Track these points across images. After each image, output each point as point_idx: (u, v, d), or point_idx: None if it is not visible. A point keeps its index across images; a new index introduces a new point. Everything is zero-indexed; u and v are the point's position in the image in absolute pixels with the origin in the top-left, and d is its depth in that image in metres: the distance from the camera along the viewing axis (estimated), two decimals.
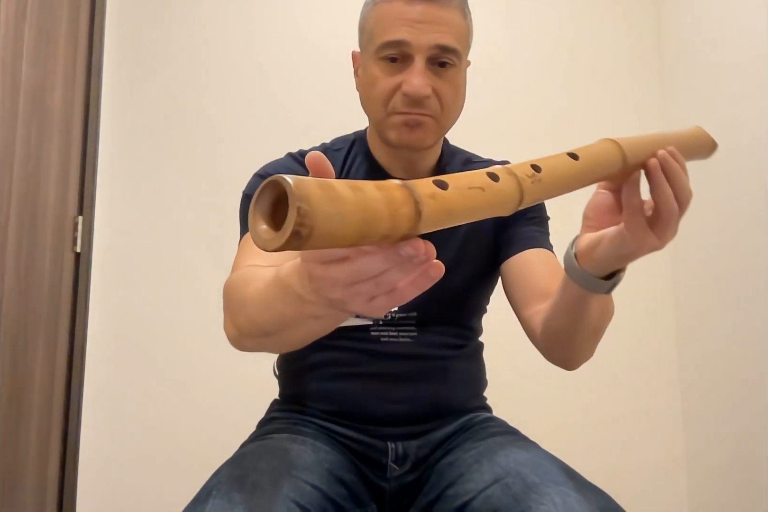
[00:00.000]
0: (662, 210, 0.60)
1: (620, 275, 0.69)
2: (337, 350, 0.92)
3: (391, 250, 0.41)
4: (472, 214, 0.44)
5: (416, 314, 0.93)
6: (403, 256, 0.41)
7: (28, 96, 1.65)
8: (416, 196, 0.39)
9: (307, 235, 0.34)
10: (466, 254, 0.95)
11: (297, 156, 0.97)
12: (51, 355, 1.74)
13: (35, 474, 1.67)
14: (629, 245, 0.63)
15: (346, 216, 0.36)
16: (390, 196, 0.38)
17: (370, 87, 0.89)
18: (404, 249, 0.41)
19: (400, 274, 0.43)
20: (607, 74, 2.13)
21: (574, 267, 0.69)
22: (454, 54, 0.86)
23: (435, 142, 0.92)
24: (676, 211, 0.60)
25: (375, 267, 0.42)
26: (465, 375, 0.97)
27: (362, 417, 0.91)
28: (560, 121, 2.08)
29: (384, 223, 0.38)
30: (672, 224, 0.61)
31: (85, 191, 1.89)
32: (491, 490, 0.72)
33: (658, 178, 0.60)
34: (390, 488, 0.89)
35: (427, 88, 0.84)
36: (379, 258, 0.42)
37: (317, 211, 0.34)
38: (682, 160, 0.62)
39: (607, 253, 0.65)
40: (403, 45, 0.84)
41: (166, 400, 1.83)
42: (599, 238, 0.66)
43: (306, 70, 2.03)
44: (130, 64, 2.01)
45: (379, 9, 0.87)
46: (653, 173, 0.60)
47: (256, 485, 0.69)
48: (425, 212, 0.39)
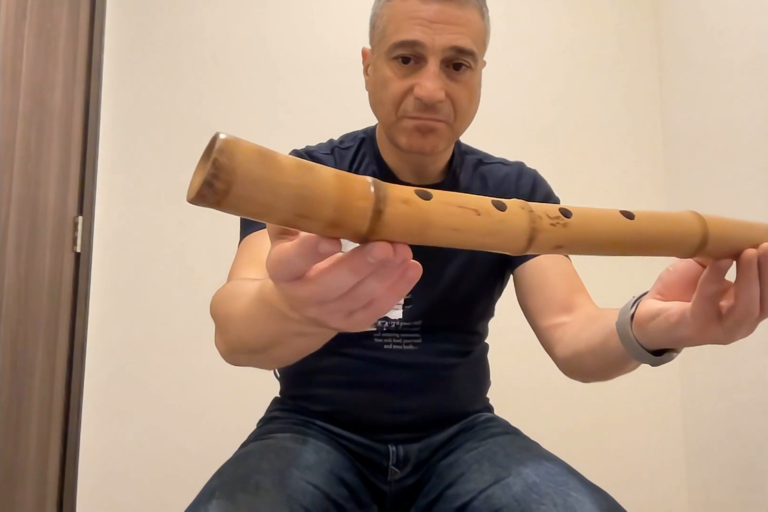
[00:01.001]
0: (741, 309, 0.52)
1: (672, 355, 0.61)
2: (339, 356, 0.91)
3: (357, 260, 0.38)
4: (460, 237, 0.40)
5: (421, 322, 0.90)
6: (373, 262, 0.37)
7: (28, 96, 1.65)
8: (381, 195, 0.37)
9: (224, 190, 0.33)
10: (475, 262, 0.92)
11: (303, 154, 0.93)
12: (51, 355, 1.74)
13: (35, 474, 1.67)
14: (687, 330, 0.55)
15: (278, 186, 0.34)
16: (346, 186, 0.36)
17: (380, 88, 0.84)
18: (371, 254, 0.37)
19: (376, 283, 0.39)
20: (607, 74, 2.13)
21: (626, 331, 0.62)
22: (471, 56, 0.81)
23: (447, 148, 0.89)
24: (756, 314, 0.53)
25: (343, 281, 0.38)
26: (469, 381, 0.96)
27: (363, 425, 0.90)
28: (560, 121, 2.08)
29: (327, 208, 0.36)
30: (746, 325, 0.53)
31: (85, 191, 1.89)
32: (491, 490, 0.72)
33: (749, 274, 0.52)
34: (391, 491, 0.88)
35: (440, 92, 0.80)
36: (344, 271, 0.38)
37: (239, 169, 0.34)
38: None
39: (661, 330, 0.58)
40: (416, 46, 0.79)
41: (166, 400, 1.83)
42: (660, 311, 0.58)
43: (309, 68, 2.02)
44: (130, 63, 2.01)
45: (392, 6, 0.83)
46: (745, 266, 0.51)
47: (259, 486, 0.69)
48: (388, 214, 0.37)
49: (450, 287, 0.91)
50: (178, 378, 1.85)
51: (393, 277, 0.39)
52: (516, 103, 2.07)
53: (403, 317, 0.89)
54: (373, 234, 0.37)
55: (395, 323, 0.90)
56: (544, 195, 0.95)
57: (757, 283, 0.52)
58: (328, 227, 0.36)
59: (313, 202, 0.35)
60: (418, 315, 0.90)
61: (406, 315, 0.90)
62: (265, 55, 2.04)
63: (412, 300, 0.90)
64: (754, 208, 1.63)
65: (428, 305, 0.90)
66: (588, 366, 0.76)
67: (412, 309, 0.90)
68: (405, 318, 0.89)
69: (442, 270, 0.91)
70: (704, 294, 0.53)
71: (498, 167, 0.97)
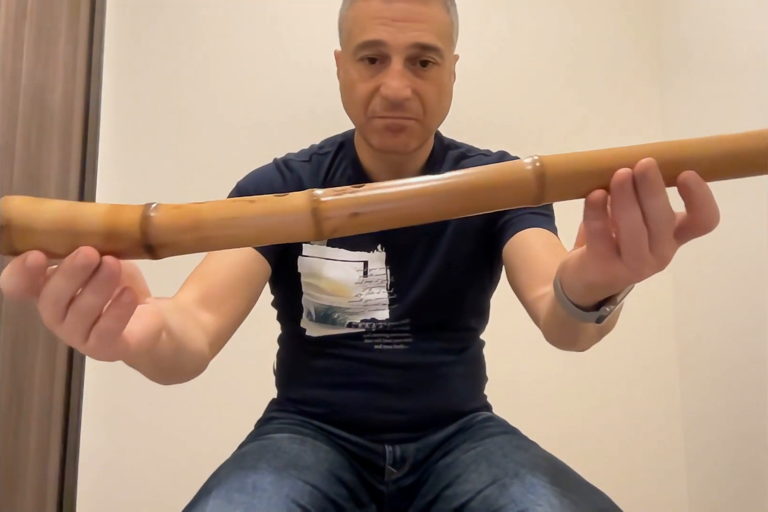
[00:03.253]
0: (626, 237, 0.46)
1: (606, 309, 0.55)
2: (332, 358, 0.91)
3: (65, 263, 0.40)
4: (242, 223, 0.43)
5: (409, 321, 0.90)
6: (72, 266, 0.40)
7: (28, 96, 1.65)
8: (149, 206, 0.43)
9: (5, 225, 0.40)
10: (457, 254, 0.91)
11: (281, 163, 0.94)
12: (51, 355, 1.74)
13: (35, 474, 1.67)
14: (591, 272, 0.50)
15: (44, 212, 0.41)
16: (116, 209, 0.42)
17: (349, 90, 0.85)
18: (76, 256, 0.40)
19: (92, 296, 0.41)
20: (607, 74, 2.13)
21: (558, 288, 0.58)
22: (436, 52, 0.81)
23: (421, 145, 0.88)
24: (643, 239, 0.46)
25: (60, 288, 0.40)
26: (465, 379, 0.95)
27: (359, 426, 0.90)
28: (560, 121, 2.08)
29: (95, 218, 0.41)
30: (642, 254, 0.47)
31: (85, 191, 1.89)
32: (489, 491, 0.71)
33: (622, 198, 0.46)
34: (388, 491, 0.88)
35: (406, 89, 0.80)
36: (58, 278, 0.40)
37: (14, 210, 0.40)
38: (655, 173, 0.45)
39: (573, 279, 0.54)
40: (380, 45, 0.80)
41: (166, 400, 1.83)
42: (567, 259, 0.55)
43: (308, 68, 2.02)
44: (130, 64, 2.01)
45: (356, 7, 0.83)
46: (616, 190, 0.46)
47: (257, 485, 0.69)
48: (157, 217, 0.42)
49: (433, 282, 0.90)
50: None
51: (105, 291, 0.41)
52: (516, 103, 2.07)
53: (389, 316, 0.89)
54: (149, 238, 0.42)
55: (383, 324, 0.89)
56: None
57: (634, 205, 0.46)
58: (105, 240, 0.41)
59: (79, 217, 0.41)
60: (404, 314, 0.89)
61: (392, 315, 0.89)
62: (266, 55, 2.04)
63: (396, 300, 0.90)
64: (754, 208, 1.63)
65: (413, 302, 0.90)
66: (554, 334, 0.72)
67: (398, 308, 0.90)
68: (392, 318, 0.89)
69: (422, 265, 0.90)
70: (591, 232, 0.48)
71: (479, 159, 0.96)
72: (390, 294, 0.89)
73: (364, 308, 0.89)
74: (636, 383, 1.98)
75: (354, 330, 0.90)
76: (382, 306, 0.89)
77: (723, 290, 1.77)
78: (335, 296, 0.90)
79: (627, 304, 1.65)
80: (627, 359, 1.96)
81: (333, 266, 0.89)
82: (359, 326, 0.90)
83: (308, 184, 0.91)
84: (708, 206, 0.46)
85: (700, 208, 0.46)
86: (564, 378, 1.94)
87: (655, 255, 0.47)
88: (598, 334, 0.67)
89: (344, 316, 0.90)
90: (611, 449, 1.93)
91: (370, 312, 0.89)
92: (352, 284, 0.89)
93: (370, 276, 0.89)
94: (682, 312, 1.98)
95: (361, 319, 0.90)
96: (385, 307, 0.89)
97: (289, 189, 0.89)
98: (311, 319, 0.92)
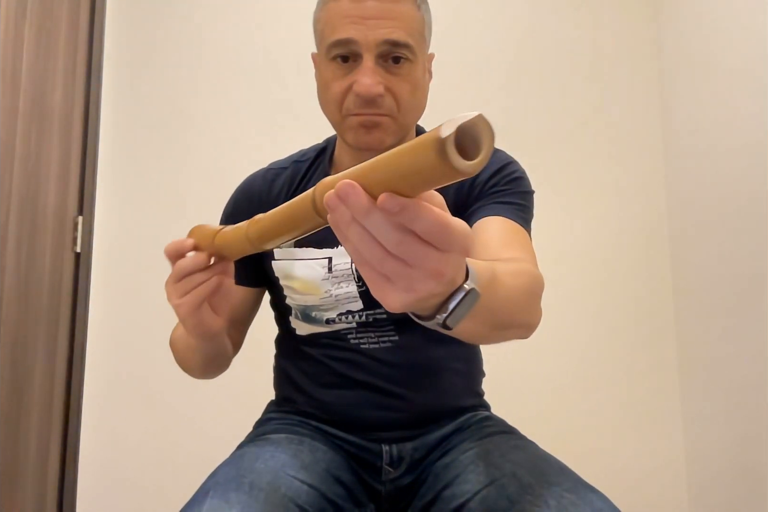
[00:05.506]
0: (359, 264, 0.42)
1: (439, 316, 0.49)
2: (323, 358, 0.92)
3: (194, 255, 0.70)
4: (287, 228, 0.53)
5: (384, 312, 0.88)
6: (194, 258, 0.70)
7: (28, 96, 1.65)
8: (212, 228, 0.70)
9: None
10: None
11: (266, 171, 0.98)
12: (51, 355, 1.74)
13: (35, 474, 1.67)
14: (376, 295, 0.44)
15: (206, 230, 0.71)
16: (241, 225, 0.62)
17: (324, 89, 0.86)
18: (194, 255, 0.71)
19: (200, 275, 0.68)
20: (607, 74, 2.13)
21: None
22: (407, 48, 0.82)
23: (397, 142, 0.86)
24: (361, 261, 0.41)
25: (182, 266, 0.69)
26: (458, 374, 0.95)
27: (354, 425, 0.90)
28: (560, 121, 2.08)
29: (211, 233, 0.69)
30: (370, 279, 0.42)
31: (85, 191, 1.89)
32: (487, 491, 0.71)
33: (333, 224, 0.41)
34: (386, 490, 0.88)
35: (377, 86, 0.81)
36: (187, 258, 0.69)
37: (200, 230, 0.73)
38: (358, 195, 0.39)
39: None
40: (350, 43, 0.81)
41: (166, 400, 1.83)
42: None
43: (309, 67, 2.02)
44: (130, 64, 2.01)
45: (327, 8, 0.84)
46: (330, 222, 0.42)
47: (254, 485, 0.69)
48: (252, 231, 0.59)
49: None
50: (178, 378, 1.84)
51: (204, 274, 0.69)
52: (516, 103, 2.07)
53: (363, 306, 0.89)
54: (213, 249, 0.69)
55: (358, 314, 0.89)
56: (498, 167, 0.89)
57: (341, 229, 0.41)
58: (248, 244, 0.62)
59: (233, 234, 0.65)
60: (377, 303, 0.87)
61: (366, 305, 0.88)
62: (266, 55, 2.05)
63: (366, 291, 0.88)
64: (754, 208, 1.63)
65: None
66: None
67: (371, 298, 0.87)
68: (366, 307, 0.88)
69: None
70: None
71: None
72: (359, 286, 0.89)
73: (336, 303, 0.89)
74: (636, 383, 1.98)
75: (336, 327, 0.90)
76: (354, 299, 0.89)
77: (723, 289, 1.76)
78: (308, 295, 0.91)
79: (627, 303, 1.63)
80: (627, 359, 1.95)
81: (301, 266, 0.90)
82: (338, 321, 0.90)
83: (285, 192, 0.95)
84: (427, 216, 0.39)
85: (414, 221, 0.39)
86: (564, 378, 1.94)
87: (419, 269, 0.40)
88: (488, 329, 0.61)
89: (320, 313, 0.91)
90: (610, 449, 1.93)
91: (344, 306, 0.89)
92: (320, 281, 0.89)
93: (335, 271, 0.89)
94: (682, 313, 1.97)
95: (336, 314, 0.90)
96: (357, 299, 0.89)
97: (271, 196, 0.95)
98: (298, 318, 0.94)
